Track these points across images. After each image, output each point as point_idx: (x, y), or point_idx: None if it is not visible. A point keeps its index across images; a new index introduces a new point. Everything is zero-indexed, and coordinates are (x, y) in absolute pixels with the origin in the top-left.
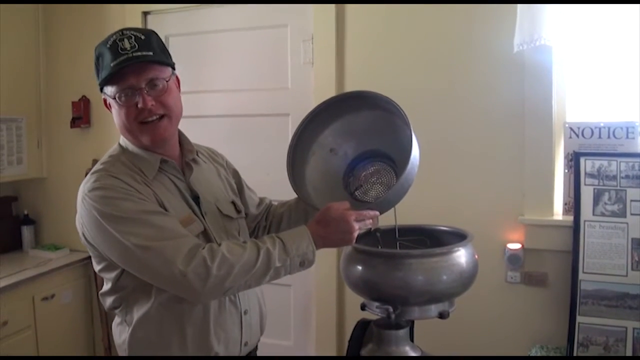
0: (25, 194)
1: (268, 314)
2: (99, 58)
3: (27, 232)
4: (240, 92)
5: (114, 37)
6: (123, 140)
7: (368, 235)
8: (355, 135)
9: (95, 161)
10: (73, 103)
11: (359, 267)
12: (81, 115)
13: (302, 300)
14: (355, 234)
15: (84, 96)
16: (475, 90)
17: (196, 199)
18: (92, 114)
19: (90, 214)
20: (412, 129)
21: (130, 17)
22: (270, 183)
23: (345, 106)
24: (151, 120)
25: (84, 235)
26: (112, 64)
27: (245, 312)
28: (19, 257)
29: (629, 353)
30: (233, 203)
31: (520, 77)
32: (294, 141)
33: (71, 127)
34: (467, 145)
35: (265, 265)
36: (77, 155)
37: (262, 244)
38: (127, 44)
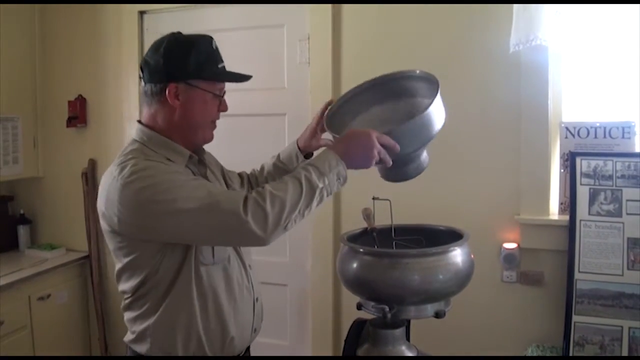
0: (21, 194)
1: (264, 313)
2: (199, 52)
3: (23, 231)
4: (236, 92)
5: (214, 42)
6: (143, 134)
7: (364, 235)
8: (382, 123)
9: (92, 160)
10: (69, 102)
11: (355, 267)
12: (77, 114)
13: (298, 299)
14: (376, 152)
15: (80, 95)
16: (472, 91)
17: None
18: (88, 113)
19: (136, 198)
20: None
21: (126, 16)
22: None
23: (370, 97)
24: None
25: (118, 226)
26: (220, 66)
27: (257, 300)
28: (15, 256)
29: (624, 352)
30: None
31: (517, 77)
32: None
33: (67, 126)
34: (463, 144)
35: (311, 190)
36: (73, 155)
37: (298, 174)
38: (220, 52)
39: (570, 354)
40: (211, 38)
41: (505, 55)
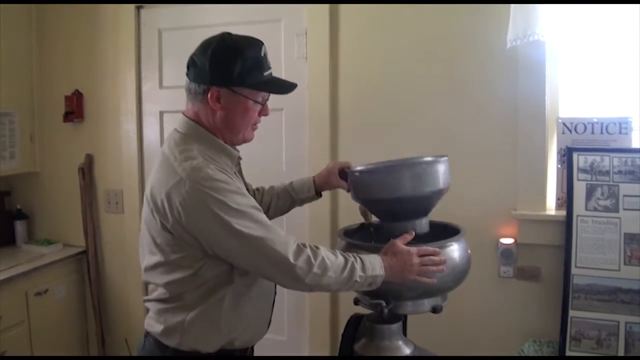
0: (18, 189)
1: None
2: (245, 59)
3: (20, 226)
4: None
5: (264, 49)
6: (191, 129)
7: (361, 230)
8: None
9: (88, 155)
10: (66, 97)
11: None
12: (74, 109)
13: (296, 295)
14: (414, 275)
15: (76, 90)
16: (469, 86)
17: (247, 189)
18: (85, 108)
19: (202, 202)
20: None
21: (123, 11)
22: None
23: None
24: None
25: (171, 224)
26: (266, 74)
27: (275, 293)
28: (12, 252)
29: (621, 347)
30: (254, 194)
31: (514, 73)
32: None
33: (64, 121)
34: (460, 140)
35: (350, 276)
36: (70, 150)
37: (348, 256)
38: (268, 59)
39: (567, 349)
40: (261, 44)
41: (502, 50)
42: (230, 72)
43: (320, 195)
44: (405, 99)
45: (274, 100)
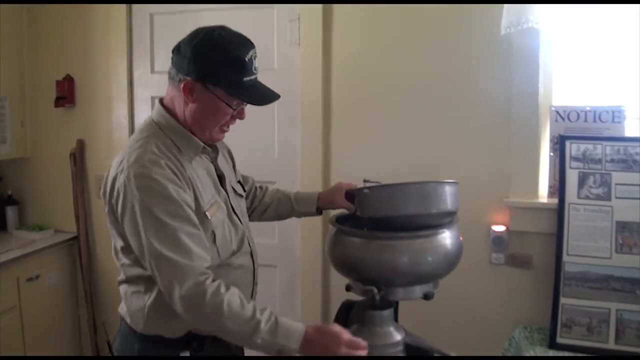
0: (9, 174)
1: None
2: (228, 58)
3: (11, 212)
4: None
5: (252, 52)
6: (161, 116)
7: (354, 217)
8: None
9: (80, 141)
10: (57, 82)
11: (344, 248)
12: (65, 94)
13: (288, 280)
14: (339, 353)
15: (68, 75)
16: (462, 73)
17: (221, 178)
18: (76, 93)
19: (130, 195)
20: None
21: None
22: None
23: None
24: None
25: (108, 207)
26: (246, 79)
27: (256, 284)
28: (3, 237)
29: (612, 334)
30: (240, 183)
31: (508, 60)
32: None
33: (55, 106)
34: (453, 127)
35: (251, 333)
36: (62, 135)
37: (260, 315)
38: (255, 64)
39: (558, 335)
40: (251, 47)
41: (496, 38)
42: (208, 68)
43: (321, 213)
44: (398, 85)
45: (265, 83)
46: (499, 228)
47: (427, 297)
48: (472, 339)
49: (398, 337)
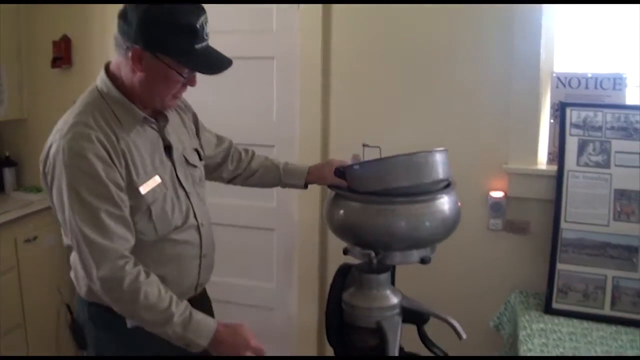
0: (7, 136)
1: (247, 256)
2: (177, 25)
3: (8, 174)
4: (223, 34)
5: (202, 18)
6: (104, 84)
7: None
8: None
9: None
10: (54, 43)
11: (342, 212)
12: (62, 55)
13: (285, 243)
14: (244, 354)
15: (64, 35)
16: (464, 39)
17: (168, 149)
18: (73, 54)
19: (58, 170)
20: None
21: None
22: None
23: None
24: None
25: (45, 173)
26: (198, 47)
27: (204, 256)
28: (0, 199)
29: (608, 300)
30: (196, 151)
31: (510, 26)
32: None
33: (52, 67)
34: (453, 92)
35: (163, 323)
36: (58, 96)
37: (176, 307)
38: (207, 29)
39: (554, 301)
40: (202, 12)
41: (498, 4)
42: (157, 36)
43: (307, 187)
44: (399, 49)
45: (263, 45)
46: (498, 194)
47: (424, 261)
48: (469, 303)
49: (395, 300)
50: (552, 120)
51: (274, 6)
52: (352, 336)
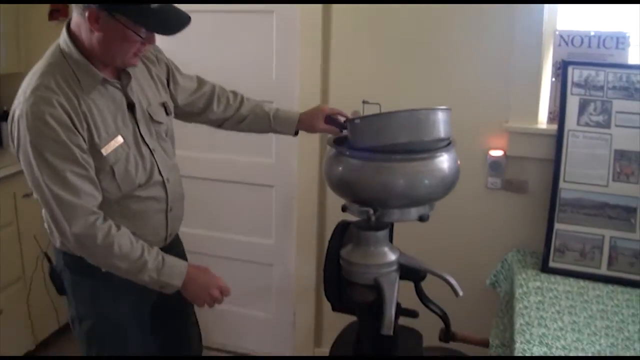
0: (4, 90)
1: (246, 212)
2: None
3: (6, 128)
4: None
5: None
6: (65, 44)
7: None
8: None
9: None
10: None
11: (341, 169)
12: (59, 7)
13: (284, 200)
14: (213, 293)
15: None
16: None
17: (132, 107)
18: (70, 6)
19: (22, 133)
20: None
21: None
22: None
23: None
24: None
25: (11, 133)
26: (154, 6)
27: (171, 209)
28: None
29: (605, 260)
30: (163, 105)
31: None
32: None
33: (49, 19)
34: (454, 49)
35: (138, 271)
36: None
37: (148, 254)
38: None
39: (550, 260)
40: None
41: None
42: None
43: (297, 134)
44: (402, 7)
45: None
46: (497, 153)
47: (422, 219)
48: (466, 261)
49: (392, 257)
50: (553, 79)
51: None
52: (350, 292)
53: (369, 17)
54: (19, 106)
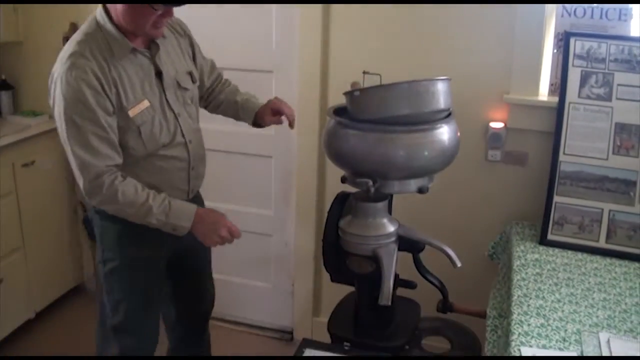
0: (2, 59)
1: (246, 183)
2: None
3: (5, 97)
4: None
5: None
6: (101, 16)
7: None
8: None
9: (73, 25)
10: None
11: (341, 141)
12: None
13: (283, 171)
14: (221, 233)
15: None
16: None
17: (159, 74)
18: None
19: (57, 95)
20: None
21: None
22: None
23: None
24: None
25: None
26: None
27: (193, 168)
28: None
29: (603, 233)
30: (190, 74)
31: None
32: None
33: None
34: (455, 20)
35: (144, 215)
36: (54, 19)
37: (153, 200)
38: None
39: (549, 232)
40: None
41: None
42: None
43: (255, 126)
44: None
45: None
46: (497, 125)
47: (421, 190)
48: (465, 233)
49: (391, 228)
50: (555, 51)
51: None
52: (349, 263)
53: None
54: (56, 70)
